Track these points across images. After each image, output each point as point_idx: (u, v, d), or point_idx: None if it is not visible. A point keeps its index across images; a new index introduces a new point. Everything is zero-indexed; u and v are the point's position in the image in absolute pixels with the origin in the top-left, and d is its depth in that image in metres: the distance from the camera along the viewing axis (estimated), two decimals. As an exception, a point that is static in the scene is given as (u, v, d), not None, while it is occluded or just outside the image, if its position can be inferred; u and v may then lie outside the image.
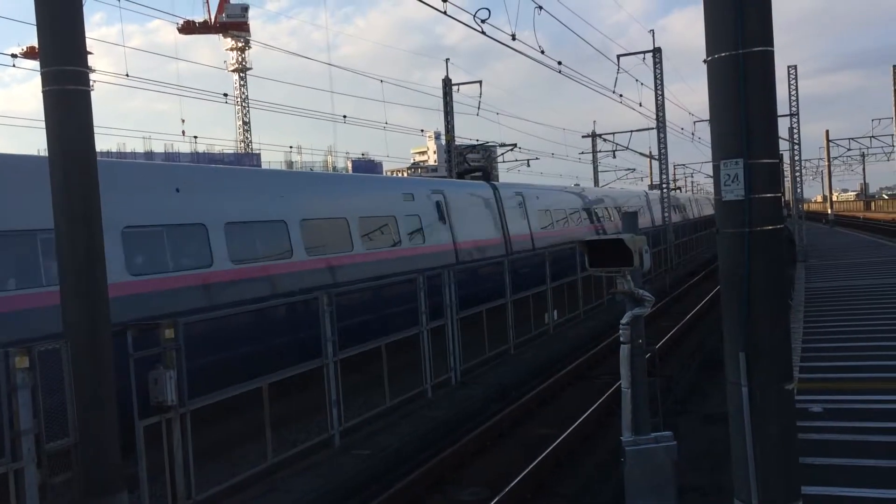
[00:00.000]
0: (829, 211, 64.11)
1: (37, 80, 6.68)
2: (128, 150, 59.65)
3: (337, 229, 14.19)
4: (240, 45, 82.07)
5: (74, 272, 6.49)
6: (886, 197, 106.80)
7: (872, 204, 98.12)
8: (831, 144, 59.98)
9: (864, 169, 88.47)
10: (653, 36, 34.47)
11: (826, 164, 65.10)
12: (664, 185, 35.22)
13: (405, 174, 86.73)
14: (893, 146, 32.34)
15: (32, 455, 6.31)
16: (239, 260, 11.79)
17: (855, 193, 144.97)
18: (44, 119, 6.62)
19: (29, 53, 58.20)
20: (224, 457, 9.69)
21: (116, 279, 9.23)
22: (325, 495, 8.51)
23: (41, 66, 6.59)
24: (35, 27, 6.61)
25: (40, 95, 6.61)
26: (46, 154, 6.73)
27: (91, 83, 7.00)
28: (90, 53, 6.89)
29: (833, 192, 74.27)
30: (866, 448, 7.64)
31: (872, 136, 52.25)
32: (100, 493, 6.43)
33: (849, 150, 60.72)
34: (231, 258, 11.61)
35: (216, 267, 11.31)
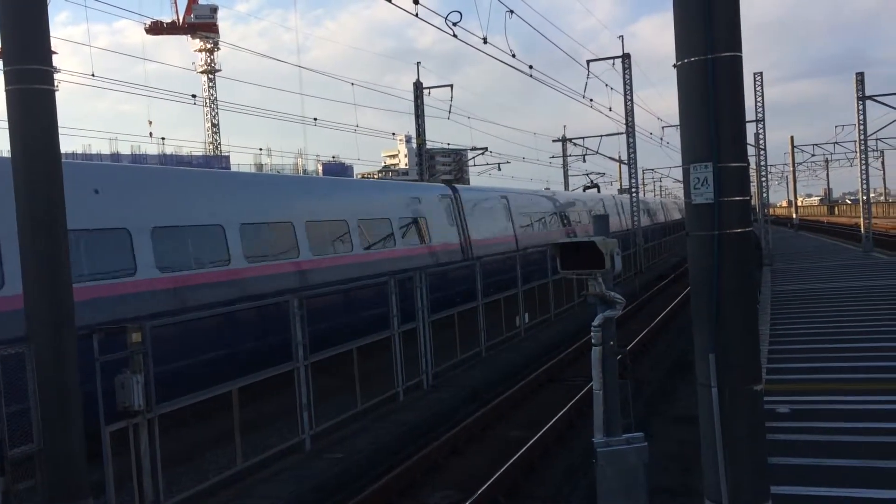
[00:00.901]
0: (794, 215, 65.25)
1: None
2: (93, 151, 58.77)
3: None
4: (208, 46, 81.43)
5: (38, 274, 6.36)
6: (849, 202, 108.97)
7: (836, 209, 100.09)
8: (796, 150, 61.06)
9: (827, 174, 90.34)
10: (622, 42, 34.80)
11: (791, 169, 66.37)
12: (633, 189, 35.57)
13: (376, 177, 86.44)
14: (856, 152, 33.05)
15: (-5, 462, 6.17)
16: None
17: (819, 198, 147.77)
18: (6, 119, 6.49)
19: (-8, 53, 57.08)
20: (193, 462, 9.56)
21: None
22: (297, 499, 8.42)
23: (4, 65, 6.46)
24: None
25: (3, 95, 6.48)
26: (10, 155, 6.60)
27: (56, 83, 6.88)
28: (55, 53, 6.77)
29: (798, 197, 75.67)
30: (833, 448, 7.77)
31: (836, 143, 53.27)
32: (65, 499, 6.29)
33: (813, 156, 61.98)
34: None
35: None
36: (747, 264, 4.98)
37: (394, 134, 40.62)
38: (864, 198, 32.86)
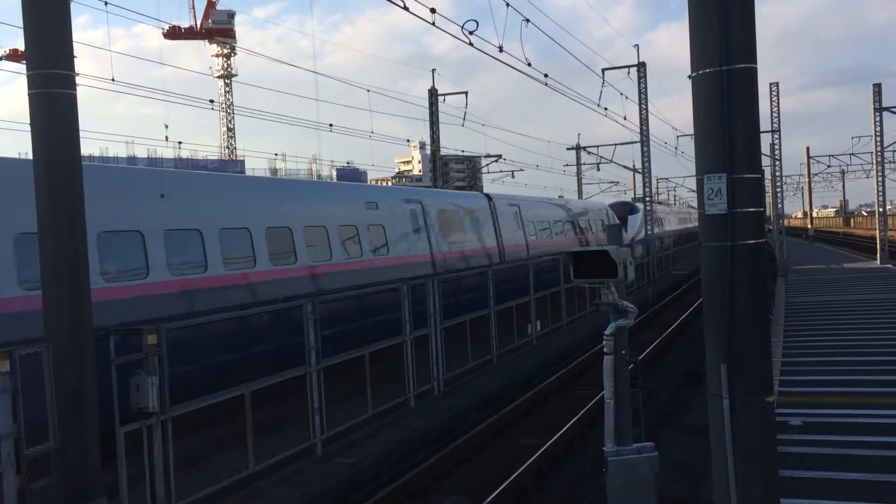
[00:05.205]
0: (810, 227, 64.80)
1: (19, 83, 6.69)
2: (110, 154, 59.20)
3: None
4: (225, 51, 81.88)
5: (58, 276, 6.45)
6: (866, 213, 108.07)
7: (852, 220, 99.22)
8: (812, 161, 60.67)
9: (843, 186, 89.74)
10: (637, 51, 34.85)
11: (807, 180, 65.86)
12: (647, 198, 35.46)
13: (390, 183, 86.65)
14: (873, 163, 32.80)
15: (11, 460, 6.25)
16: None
17: (835, 210, 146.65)
18: (29, 122, 6.59)
19: (12, 56, 57.73)
20: (205, 464, 9.62)
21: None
22: (307, 503, 8.47)
23: (27, 69, 6.56)
24: (21, 30, 6.58)
25: (23, 98, 6.58)
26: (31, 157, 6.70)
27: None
28: (75, 57, 6.84)
29: (813, 208, 75.16)
30: (845, 461, 7.73)
31: (852, 154, 52.84)
32: (79, 498, 6.36)
33: (829, 166, 61.39)
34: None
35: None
36: (760, 275, 4.98)
37: (408, 140, 40.60)
38: (880, 209, 32.62)
